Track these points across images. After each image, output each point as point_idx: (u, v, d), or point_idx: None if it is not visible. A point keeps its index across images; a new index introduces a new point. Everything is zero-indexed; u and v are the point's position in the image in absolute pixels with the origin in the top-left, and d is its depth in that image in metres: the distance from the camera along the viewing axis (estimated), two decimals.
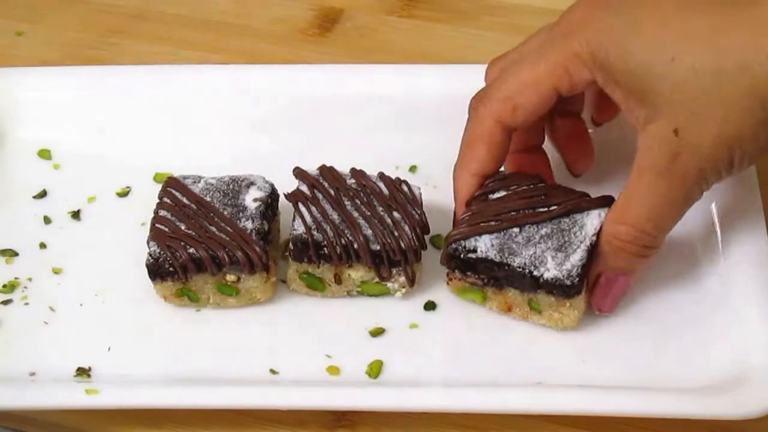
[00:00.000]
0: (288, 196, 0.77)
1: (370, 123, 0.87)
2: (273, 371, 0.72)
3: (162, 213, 0.75)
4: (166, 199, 0.76)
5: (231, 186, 0.77)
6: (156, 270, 0.74)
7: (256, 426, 0.72)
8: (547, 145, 0.80)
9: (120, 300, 0.77)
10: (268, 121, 0.87)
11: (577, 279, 0.66)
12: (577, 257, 0.66)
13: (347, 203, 0.75)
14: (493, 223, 0.67)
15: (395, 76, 0.88)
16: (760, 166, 0.80)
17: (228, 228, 0.74)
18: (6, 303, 0.77)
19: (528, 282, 0.67)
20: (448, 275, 0.72)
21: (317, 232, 0.74)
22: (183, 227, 0.74)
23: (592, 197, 0.69)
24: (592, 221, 0.67)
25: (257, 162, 0.82)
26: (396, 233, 0.74)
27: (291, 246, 0.75)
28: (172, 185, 0.77)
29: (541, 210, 0.68)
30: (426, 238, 0.76)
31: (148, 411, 0.71)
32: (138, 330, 0.75)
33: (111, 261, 0.79)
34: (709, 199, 0.78)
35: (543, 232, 0.67)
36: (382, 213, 0.75)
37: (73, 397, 0.69)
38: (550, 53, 0.68)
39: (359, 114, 0.87)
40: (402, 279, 0.75)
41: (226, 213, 0.75)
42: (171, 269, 0.73)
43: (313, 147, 0.85)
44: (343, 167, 0.78)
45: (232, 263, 0.73)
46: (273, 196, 0.78)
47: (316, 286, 0.76)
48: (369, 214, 0.75)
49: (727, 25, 0.62)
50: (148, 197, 0.80)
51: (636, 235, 0.66)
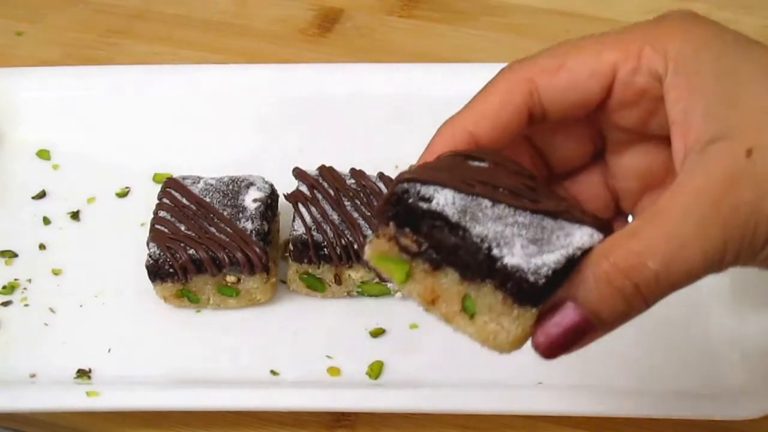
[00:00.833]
0: (288, 196, 0.77)
1: (370, 123, 0.87)
2: (273, 372, 0.72)
3: (161, 214, 0.75)
4: (165, 200, 0.76)
5: (230, 186, 0.77)
6: (156, 271, 0.74)
7: (255, 426, 0.72)
8: None
9: (120, 301, 0.77)
10: (267, 121, 0.87)
11: (544, 281, 0.47)
12: (553, 258, 0.48)
13: (347, 203, 0.75)
14: (463, 184, 0.50)
15: (395, 75, 0.88)
16: None
17: (228, 229, 0.74)
18: (6, 304, 0.77)
19: (480, 263, 0.49)
20: (376, 229, 0.51)
21: (317, 232, 0.74)
22: (183, 228, 0.74)
23: (589, 213, 0.52)
24: (581, 235, 0.49)
25: (257, 162, 0.83)
26: None
27: (291, 246, 0.75)
28: (171, 186, 0.77)
29: (526, 199, 0.50)
30: None
31: (148, 412, 0.71)
32: (138, 331, 0.75)
33: (111, 262, 0.79)
34: None
35: (520, 218, 0.50)
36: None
37: (74, 399, 0.69)
38: (624, 34, 0.54)
39: (359, 114, 0.87)
40: None
41: (225, 213, 0.75)
42: (171, 270, 0.73)
43: (313, 147, 0.85)
44: (343, 167, 0.78)
45: (232, 264, 0.73)
46: (273, 196, 0.77)
47: (316, 286, 0.76)
48: (369, 214, 0.75)
49: None
50: (147, 198, 0.80)
51: (634, 265, 0.47)
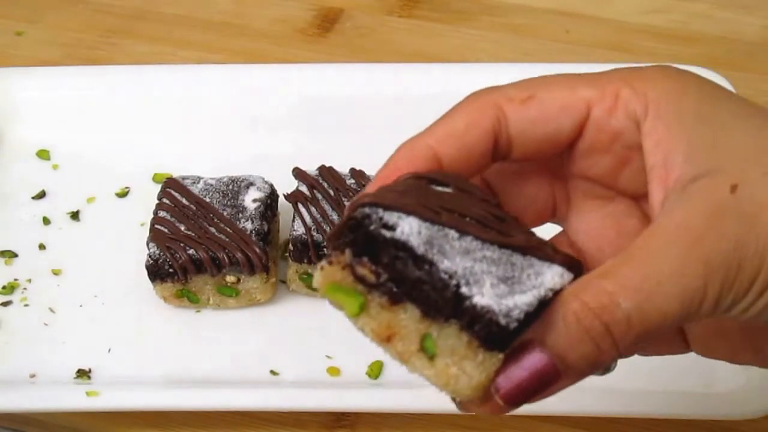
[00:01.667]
0: (288, 196, 0.77)
1: (369, 123, 0.86)
2: (273, 372, 0.72)
3: (161, 214, 0.75)
4: (165, 200, 0.76)
5: (230, 186, 0.77)
6: (156, 271, 0.73)
7: (255, 426, 0.72)
8: None
9: (120, 301, 0.77)
10: (267, 121, 0.87)
11: (515, 324, 0.43)
12: (525, 299, 0.44)
13: (347, 203, 0.75)
14: (429, 211, 0.45)
15: (395, 75, 0.88)
16: None
17: (227, 229, 0.74)
18: (6, 304, 0.77)
19: (447, 301, 0.44)
20: (329, 255, 0.46)
21: (317, 232, 0.74)
22: (182, 228, 0.74)
23: (560, 251, 0.46)
24: (552, 275, 0.45)
25: (257, 162, 0.82)
26: None
27: (291, 246, 0.75)
28: (171, 186, 0.77)
29: (494, 231, 0.46)
30: None
31: (148, 412, 0.71)
32: (138, 331, 0.75)
33: (110, 262, 0.79)
34: None
35: (488, 253, 0.45)
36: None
37: (74, 399, 0.69)
38: (602, 75, 0.49)
39: (359, 114, 0.87)
40: None
41: (225, 213, 0.75)
42: (171, 270, 0.73)
43: (313, 147, 0.85)
44: (343, 167, 0.78)
45: (231, 264, 0.73)
46: (272, 196, 0.77)
47: None
48: None
49: None
50: (147, 198, 0.80)
51: (605, 305, 0.43)
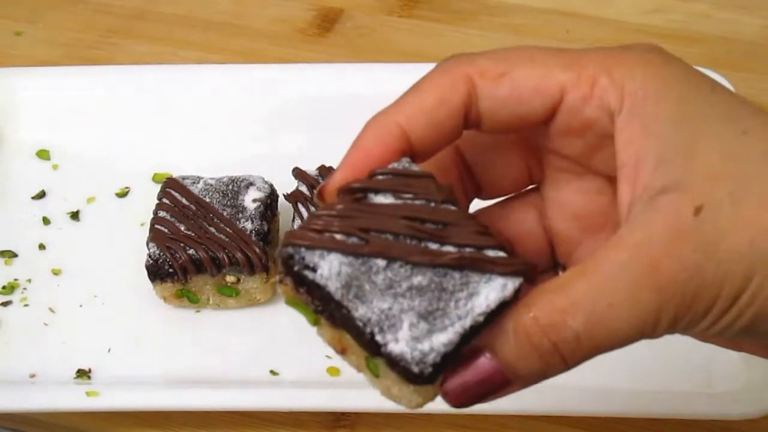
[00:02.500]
0: (287, 196, 0.77)
1: None
2: (273, 372, 0.72)
3: (161, 214, 0.75)
4: (165, 200, 0.76)
5: (230, 186, 0.77)
6: (156, 271, 0.73)
7: (255, 426, 0.72)
8: None
9: (120, 301, 0.77)
10: (267, 121, 0.87)
11: (431, 369, 0.43)
12: (443, 339, 0.43)
13: None
14: (355, 241, 0.44)
15: (395, 75, 0.87)
16: None
17: (227, 229, 0.74)
18: (6, 304, 0.77)
19: (367, 343, 0.44)
20: (280, 274, 0.47)
21: None
22: (182, 228, 0.74)
23: (507, 255, 0.44)
24: (488, 293, 0.43)
25: (256, 162, 0.82)
26: None
27: None
28: (171, 186, 0.77)
29: (430, 246, 0.44)
30: None
31: (148, 412, 0.71)
32: (138, 331, 0.75)
33: (110, 262, 0.79)
34: None
35: (416, 281, 0.44)
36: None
37: (74, 399, 0.69)
38: (582, 56, 0.46)
39: (359, 114, 0.85)
40: None
41: (225, 214, 0.75)
42: (170, 270, 0.73)
43: (313, 147, 0.85)
44: None
45: (231, 264, 0.73)
46: (272, 196, 0.77)
47: None
48: None
49: None
50: (147, 198, 0.80)
51: (555, 323, 0.42)
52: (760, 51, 0.97)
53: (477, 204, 0.51)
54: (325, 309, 0.45)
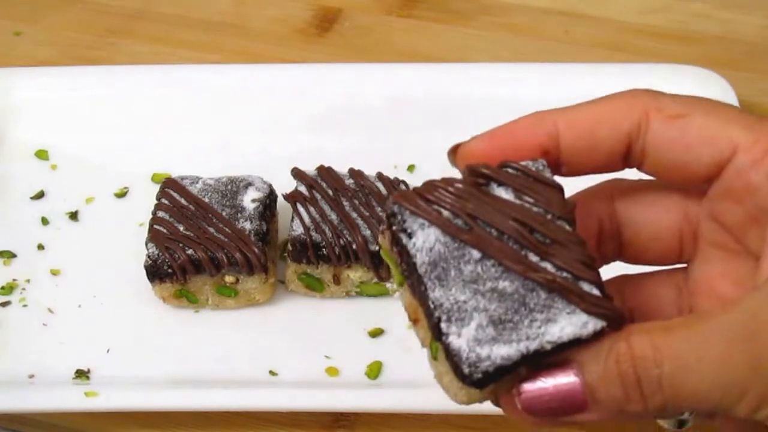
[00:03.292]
0: (286, 196, 0.77)
1: (368, 122, 0.86)
2: (272, 372, 0.72)
3: (160, 214, 0.75)
4: (164, 200, 0.76)
5: (229, 186, 0.77)
6: (154, 271, 0.73)
7: (254, 426, 0.71)
8: None
9: (118, 301, 0.77)
10: (266, 121, 0.87)
11: (480, 376, 0.42)
12: (503, 352, 0.42)
13: (345, 203, 0.75)
14: (459, 224, 0.44)
15: (393, 75, 0.88)
16: None
17: (226, 229, 0.74)
18: (4, 305, 0.77)
19: (432, 326, 0.44)
20: (381, 227, 0.47)
21: (316, 232, 0.74)
22: (181, 228, 0.74)
23: (601, 295, 0.42)
24: (565, 325, 0.42)
25: (255, 162, 0.82)
26: None
27: (289, 247, 0.75)
28: (170, 186, 0.77)
29: (530, 256, 0.43)
30: None
31: (147, 412, 0.71)
32: (137, 331, 0.75)
33: (109, 262, 0.79)
34: None
35: (501, 285, 0.43)
36: (380, 213, 0.75)
37: (73, 399, 0.68)
38: (763, 120, 0.44)
39: (358, 113, 0.87)
40: None
41: (224, 214, 0.75)
42: (169, 270, 0.73)
43: (312, 147, 0.85)
44: (342, 167, 0.78)
45: (230, 264, 0.73)
46: (271, 196, 0.77)
47: (314, 286, 0.76)
48: (367, 214, 0.75)
49: None
50: (146, 198, 0.80)
51: (645, 357, 0.40)
52: (760, 51, 0.97)
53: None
54: (410, 276, 0.45)
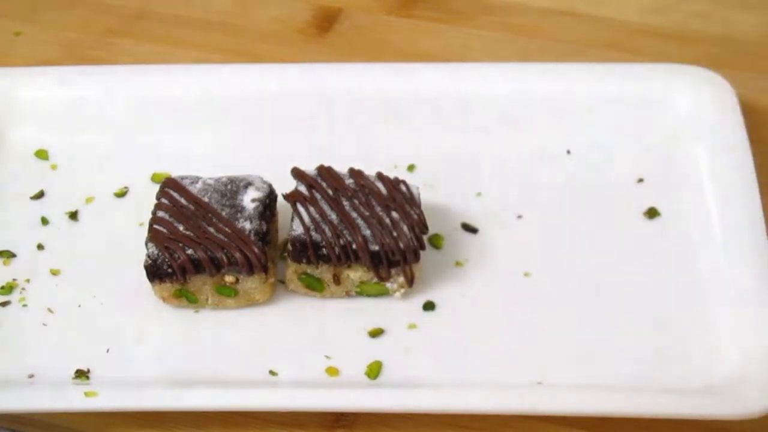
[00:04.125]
0: (286, 196, 0.77)
1: (368, 122, 0.87)
2: (272, 372, 0.72)
3: (160, 214, 0.75)
4: (164, 200, 0.76)
5: (229, 186, 0.77)
6: (154, 271, 0.73)
7: (254, 426, 0.71)
8: None
9: (118, 301, 0.77)
10: (266, 121, 0.87)
11: None
12: None
13: (345, 203, 0.75)
14: None
15: (393, 75, 0.88)
16: (759, 165, 0.80)
17: (226, 229, 0.74)
18: (4, 305, 0.77)
19: None
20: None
21: (316, 232, 0.74)
22: (181, 228, 0.74)
23: None
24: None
25: (255, 162, 0.82)
26: (395, 233, 0.74)
27: (289, 246, 0.74)
28: (170, 186, 0.77)
29: None
30: (425, 238, 0.76)
31: (147, 412, 0.70)
32: (136, 331, 0.75)
33: (109, 262, 0.79)
34: (710, 201, 0.79)
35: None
36: (380, 213, 0.75)
37: (73, 399, 0.68)
38: None
39: (358, 113, 0.87)
40: (401, 279, 0.75)
41: (224, 213, 0.75)
42: (169, 270, 0.73)
43: (312, 147, 0.85)
44: (342, 167, 0.78)
45: (230, 264, 0.73)
46: (271, 196, 0.77)
47: (314, 286, 0.76)
48: (367, 214, 0.75)
49: None
50: (146, 197, 0.80)
51: None
52: (760, 51, 0.97)
53: None
54: None
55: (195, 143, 0.86)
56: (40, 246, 0.81)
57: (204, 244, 0.73)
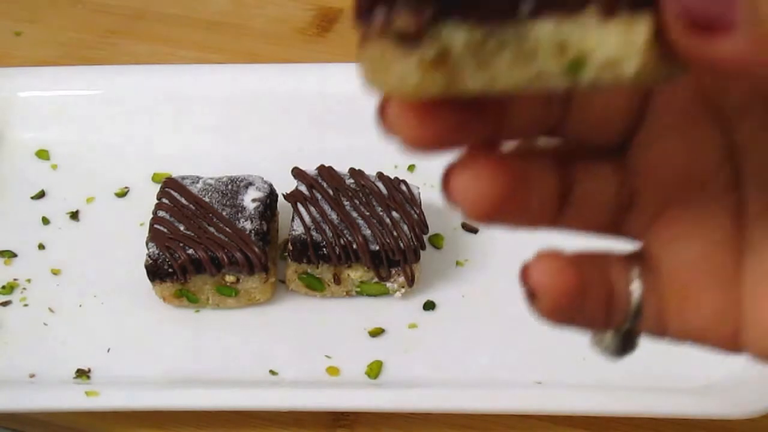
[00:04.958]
0: (287, 196, 0.77)
1: (368, 122, 0.86)
2: (272, 372, 0.72)
3: (161, 214, 0.75)
4: (164, 200, 0.76)
5: (229, 186, 0.77)
6: (155, 271, 0.73)
7: (255, 426, 0.71)
8: None
9: (119, 301, 0.77)
10: (266, 121, 0.87)
11: None
12: None
13: (346, 203, 0.75)
14: None
15: None
16: None
17: (227, 228, 0.74)
18: (5, 304, 0.77)
19: None
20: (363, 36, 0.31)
21: (316, 232, 0.74)
22: (182, 228, 0.74)
23: None
24: None
25: (256, 162, 0.82)
26: (395, 233, 0.74)
27: (290, 246, 0.75)
28: (170, 186, 0.77)
29: None
30: (425, 237, 0.76)
31: (148, 412, 0.71)
32: (137, 331, 0.75)
33: (110, 262, 0.79)
34: None
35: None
36: (381, 213, 0.75)
37: (74, 399, 0.68)
38: None
39: (358, 113, 0.86)
40: (401, 279, 0.75)
41: (224, 213, 0.75)
42: (170, 270, 0.73)
43: (312, 147, 0.85)
44: (342, 167, 0.78)
45: (231, 264, 0.73)
46: (272, 196, 0.77)
47: (315, 286, 0.76)
48: (368, 214, 0.75)
49: None
50: (146, 197, 0.80)
51: None
52: None
53: None
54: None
55: (195, 143, 0.86)
56: (41, 246, 0.81)
57: (204, 243, 0.73)
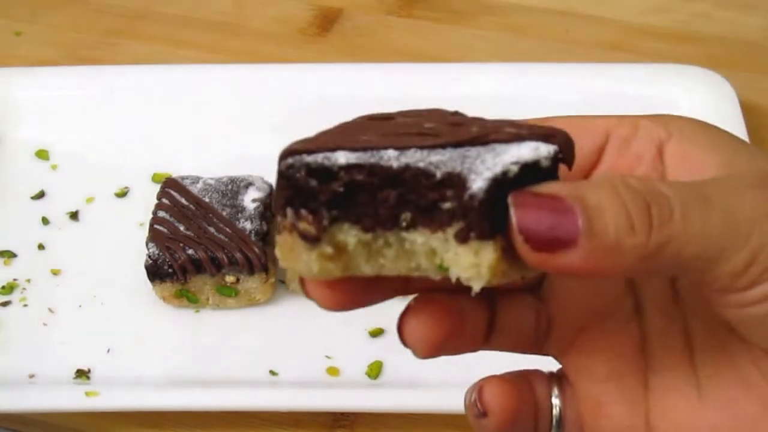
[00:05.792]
0: None
1: None
2: (272, 372, 0.72)
3: (160, 214, 0.75)
4: (164, 200, 0.76)
5: (230, 186, 0.77)
6: (155, 271, 0.73)
7: (255, 426, 0.71)
8: None
9: (119, 301, 0.77)
10: (266, 121, 0.87)
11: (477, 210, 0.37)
12: (477, 186, 0.37)
13: None
14: (359, 141, 0.40)
15: (394, 75, 0.88)
16: None
17: (227, 229, 0.74)
18: (5, 305, 0.77)
19: (437, 186, 0.38)
20: (279, 226, 0.39)
21: None
22: (182, 228, 0.74)
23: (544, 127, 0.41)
24: (519, 150, 0.38)
25: (256, 162, 0.82)
26: None
27: None
28: (170, 186, 0.77)
29: (444, 135, 0.40)
30: None
31: (147, 412, 0.71)
32: (137, 331, 0.75)
33: (110, 262, 0.79)
34: None
35: (434, 158, 0.38)
36: None
37: (73, 399, 0.68)
38: (619, 115, 0.45)
39: (357, 114, 0.86)
40: None
41: (224, 213, 0.75)
42: (170, 270, 0.73)
43: None
44: None
45: (231, 264, 0.73)
46: (272, 196, 0.77)
47: None
48: None
49: None
50: (146, 198, 0.80)
51: (651, 185, 0.36)
52: (760, 51, 0.97)
53: None
54: (348, 202, 0.38)
55: (195, 143, 0.86)
56: (40, 246, 0.81)
57: (204, 244, 0.73)
